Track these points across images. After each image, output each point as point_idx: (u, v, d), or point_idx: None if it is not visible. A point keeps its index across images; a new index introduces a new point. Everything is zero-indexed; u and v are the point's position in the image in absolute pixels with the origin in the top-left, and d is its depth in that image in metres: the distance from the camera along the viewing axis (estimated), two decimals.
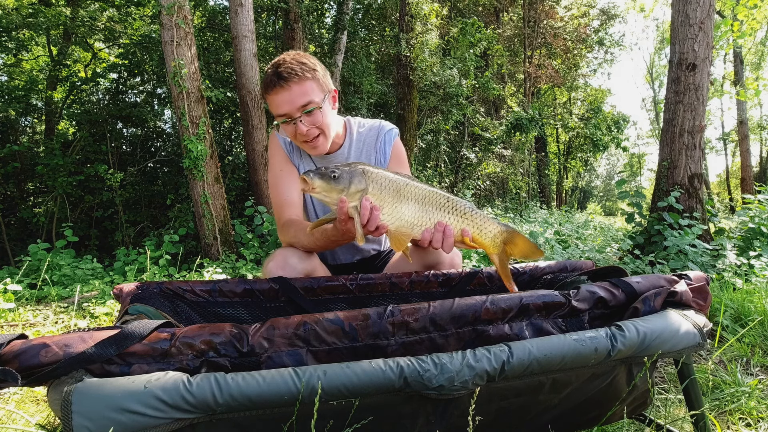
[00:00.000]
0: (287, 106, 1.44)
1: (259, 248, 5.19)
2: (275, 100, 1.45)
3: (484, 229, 1.27)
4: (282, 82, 1.42)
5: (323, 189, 1.15)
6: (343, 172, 1.16)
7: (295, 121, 1.46)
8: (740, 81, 15.00)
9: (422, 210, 1.22)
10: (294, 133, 1.49)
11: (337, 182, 1.14)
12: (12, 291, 2.99)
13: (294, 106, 1.44)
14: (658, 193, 4.51)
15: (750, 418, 1.41)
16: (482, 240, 1.27)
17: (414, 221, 1.22)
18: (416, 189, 1.22)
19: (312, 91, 1.45)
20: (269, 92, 1.45)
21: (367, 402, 0.83)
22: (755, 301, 2.39)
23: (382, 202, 1.19)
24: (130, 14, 8.53)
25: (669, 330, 1.00)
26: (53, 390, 0.74)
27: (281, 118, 1.47)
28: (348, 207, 1.17)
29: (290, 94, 1.43)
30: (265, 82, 1.46)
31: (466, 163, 11.70)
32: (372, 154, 1.70)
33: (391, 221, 1.21)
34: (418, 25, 9.28)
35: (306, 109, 1.45)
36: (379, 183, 1.18)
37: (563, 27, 16.96)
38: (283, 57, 1.48)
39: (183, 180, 7.13)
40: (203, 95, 5.25)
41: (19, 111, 7.93)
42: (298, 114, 1.45)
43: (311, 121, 1.47)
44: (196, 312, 1.35)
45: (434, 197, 1.23)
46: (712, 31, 4.32)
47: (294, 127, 1.47)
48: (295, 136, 1.51)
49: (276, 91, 1.43)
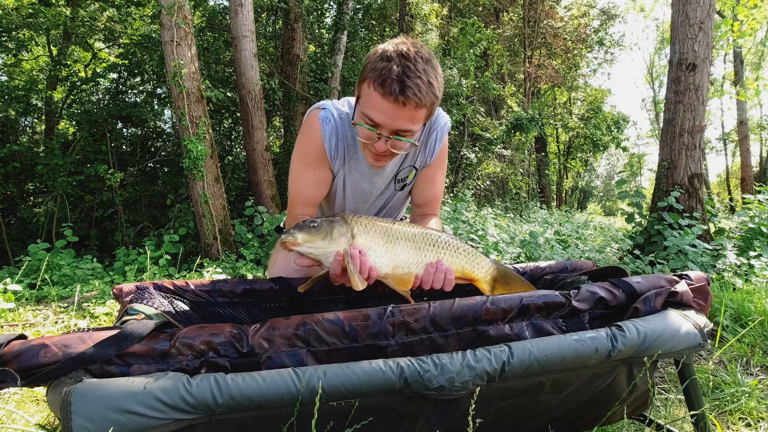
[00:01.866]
0: (385, 119, 1.22)
1: (259, 248, 5.19)
2: (378, 103, 1.20)
3: (477, 265, 1.29)
4: (401, 97, 1.17)
5: (306, 240, 1.14)
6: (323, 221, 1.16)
7: (381, 137, 1.25)
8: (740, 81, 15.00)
9: (415, 248, 1.22)
10: (367, 138, 1.29)
11: (317, 230, 1.14)
12: (12, 291, 2.98)
13: (392, 126, 1.23)
14: (658, 193, 4.51)
15: (750, 418, 1.41)
16: (475, 275, 1.29)
17: (410, 260, 1.21)
18: (404, 229, 1.22)
19: (419, 120, 1.24)
20: (379, 90, 1.18)
21: (367, 402, 0.83)
22: (755, 301, 2.39)
23: (374, 245, 1.18)
24: (130, 14, 8.53)
25: (669, 330, 1.00)
26: (53, 390, 0.74)
27: (370, 122, 1.24)
28: (339, 251, 1.15)
29: (397, 114, 1.20)
30: (382, 74, 1.17)
31: (466, 163, 11.70)
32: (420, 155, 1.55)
33: (386, 263, 1.19)
34: (418, 25, 9.28)
35: (400, 135, 1.25)
36: (364, 226, 1.18)
37: (563, 27, 16.96)
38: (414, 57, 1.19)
39: (183, 180, 7.13)
40: (203, 95, 5.25)
41: (19, 111, 7.93)
42: (388, 133, 1.25)
43: (395, 145, 1.28)
44: (196, 312, 1.35)
45: (425, 235, 1.24)
46: (712, 31, 4.32)
47: (374, 138, 1.27)
48: (367, 143, 1.32)
49: (387, 99, 1.18)
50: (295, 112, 7.76)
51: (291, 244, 1.14)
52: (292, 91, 7.69)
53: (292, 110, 7.79)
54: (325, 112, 1.44)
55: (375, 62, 1.21)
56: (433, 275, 1.19)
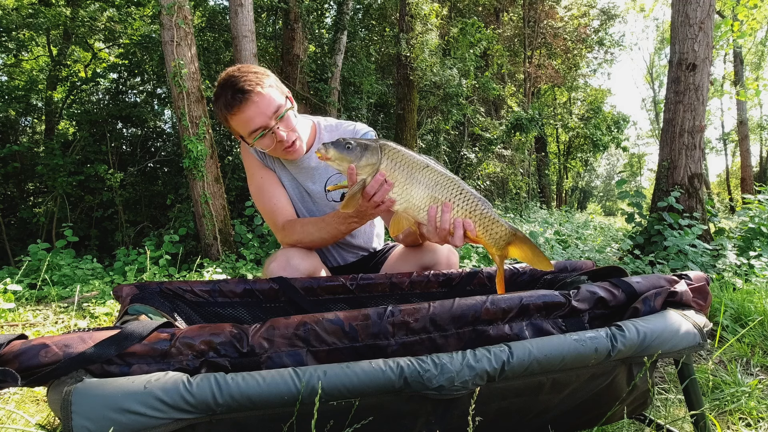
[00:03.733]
0: (260, 118, 1.38)
1: (259, 248, 5.19)
2: (243, 117, 1.38)
3: (489, 230, 1.26)
4: (246, 95, 1.35)
5: (336, 158, 1.17)
6: (359, 144, 1.18)
7: (273, 129, 1.41)
8: (740, 81, 15.01)
9: (431, 197, 1.22)
10: (272, 143, 1.44)
11: (349, 153, 1.16)
12: (12, 291, 2.98)
13: (267, 116, 1.39)
14: (658, 193, 4.51)
15: (750, 418, 1.41)
16: (485, 239, 1.27)
17: (421, 205, 1.23)
18: (430, 173, 1.22)
19: (276, 96, 1.42)
20: (233, 111, 1.37)
21: (367, 402, 0.83)
22: (755, 301, 2.39)
23: (393, 180, 1.20)
24: (130, 14, 8.54)
25: (669, 330, 1.00)
26: (53, 390, 0.74)
27: (255, 133, 1.40)
28: (357, 177, 1.18)
29: (258, 106, 1.37)
30: (225, 103, 1.38)
31: (466, 163, 11.70)
32: None
33: (400, 202, 1.22)
34: (418, 25, 9.28)
35: (279, 114, 1.41)
36: (393, 160, 1.19)
37: (563, 27, 16.96)
38: (229, 74, 1.41)
39: (183, 180, 7.13)
40: (203, 95, 5.25)
41: (19, 111, 7.94)
42: (272, 122, 1.41)
43: (286, 125, 1.44)
44: (196, 312, 1.35)
45: (447, 186, 1.23)
46: (712, 31, 4.32)
47: (272, 137, 1.43)
48: (273, 147, 1.46)
49: (242, 108, 1.37)
50: None
51: (323, 156, 1.17)
52: (292, 91, 7.69)
53: None
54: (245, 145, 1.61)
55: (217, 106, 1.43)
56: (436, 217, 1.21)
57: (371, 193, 1.17)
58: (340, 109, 8.21)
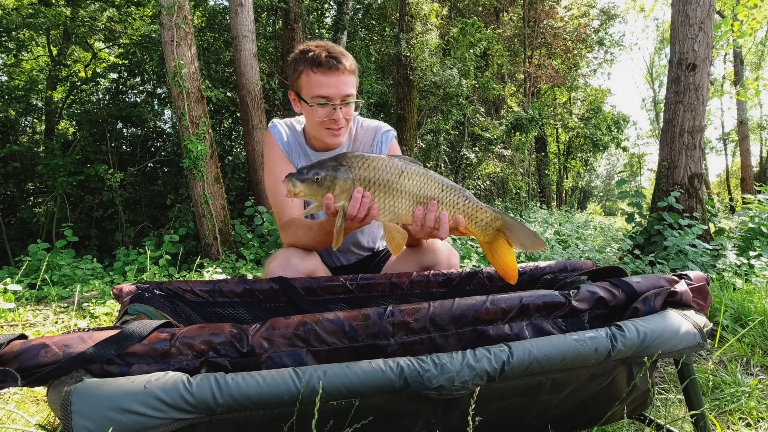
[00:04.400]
0: (334, 90, 1.44)
1: (259, 248, 5.19)
2: (324, 80, 1.42)
3: (474, 218, 1.26)
4: (338, 64, 1.42)
5: (308, 193, 1.14)
6: (326, 172, 1.13)
7: (335, 107, 1.46)
8: (740, 81, 15.00)
9: (414, 201, 1.22)
10: (325, 116, 1.48)
11: (320, 184, 1.13)
12: (12, 291, 2.98)
13: (340, 93, 1.44)
14: (658, 193, 4.51)
15: (750, 418, 1.41)
16: (473, 229, 1.27)
17: (406, 212, 1.22)
18: (407, 178, 1.20)
19: (354, 85, 1.49)
20: (319, 70, 1.42)
21: (367, 402, 0.83)
22: (755, 301, 2.39)
23: (372, 194, 1.18)
24: (130, 14, 8.53)
25: (669, 330, 1.00)
26: (53, 390, 0.74)
27: (319, 98, 1.44)
28: (334, 206, 1.17)
29: (340, 80, 1.44)
30: (314, 58, 1.42)
31: (466, 163, 11.70)
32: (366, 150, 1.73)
33: (384, 213, 1.21)
34: (418, 25, 9.28)
35: (347, 99, 1.47)
36: (366, 176, 1.17)
37: (563, 27, 16.95)
38: (329, 44, 1.47)
39: (183, 180, 7.13)
40: (203, 95, 5.25)
41: (19, 111, 7.94)
42: (338, 101, 1.45)
43: (346, 112, 1.49)
44: (196, 312, 1.35)
45: (427, 185, 1.22)
46: (712, 31, 4.32)
47: (329, 111, 1.47)
48: (322, 121, 1.49)
49: (328, 73, 1.42)
50: (295, 112, 7.76)
51: (291, 193, 1.14)
52: None
53: (291, 110, 7.78)
54: (272, 124, 1.70)
55: (301, 58, 1.46)
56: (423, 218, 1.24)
57: (354, 214, 1.17)
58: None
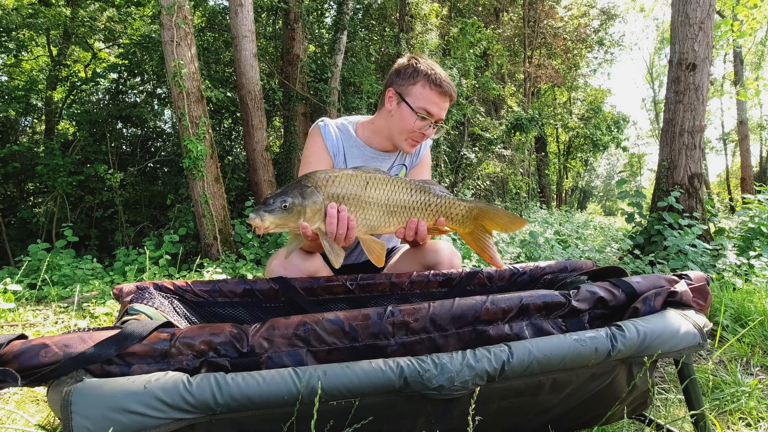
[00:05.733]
0: (440, 112, 1.60)
1: (259, 248, 5.19)
2: (435, 99, 1.56)
3: (450, 214, 1.26)
4: (452, 94, 1.60)
5: (279, 224, 1.10)
6: (293, 198, 1.10)
7: (431, 124, 1.60)
8: (740, 81, 15.00)
9: (385, 211, 1.21)
10: (420, 128, 1.59)
11: (289, 212, 1.10)
12: (12, 291, 2.98)
13: (440, 116, 1.61)
14: (658, 193, 4.51)
15: (750, 418, 1.41)
16: (452, 224, 1.27)
17: (379, 222, 1.22)
18: (373, 189, 1.19)
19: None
20: (435, 89, 1.56)
21: (367, 402, 0.83)
22: (755, 301, 2.39)
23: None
24: (130, 14, 8.53)
25: (669, 330, 1.00)
26: (53, 390, 0.74)
27: (425, 112, 1.57)
28: (311, 230, 1.15)
29: (445, 105, 1.61)
30: (436, 78, 1.56)
31: (466, 163, 11.69)
32: (408, 155, 1.83)
33: (358, 228, 1.20)
34: (418, 25, 9.28)
35: (440, 123, 1.63)
36: (334, 193, 1.16)
37: (563, 27, 16.95)
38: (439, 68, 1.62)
39: (183, 180, 7.12)
40: (203, 95, 5.25)
41: (19, 111, 7.93)
42: (434, 121, 1.60)
43: (431, 132, 1.64)
44: (196, 312, 1.35)
45: (394, 192, 1.22)
46: (712, 31, 4.32)
47: (425, 126, 1.59)
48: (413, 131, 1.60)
49: (442, 95, 1.58)
50: (295, 112, 7.76)
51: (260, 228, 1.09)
52: (292, 91, 7.69)
53: (292, 110, 7.79)
54: (323, 123, 1.73)
55: (424, 71, 1.58)
56: (404, 231, 1.31)
57: (334, 231, 1.16)
58: (340, 109, 8.20)
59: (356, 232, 1.21)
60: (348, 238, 1.20)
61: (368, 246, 1.24)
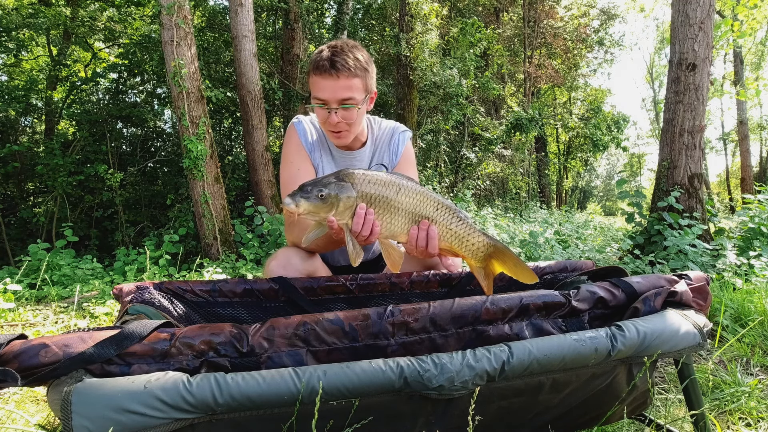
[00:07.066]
0: (329, 94, 1.45)
1: (259, 248, 5.19)
2: (320, 84, 1.45)
3: (466, 241, 1.26)
4: (333, 71, 1.42)
5: (311, 211, 1.12)
6: (330, 190, 1.13)
7: (330, 110, 1.48)
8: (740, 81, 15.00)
9: (410, 219, 1.23)
10: (325, 119, 1.51)
11: (324, 202, 1.13)
12: (12, 291, 2.98)
13: (335, 97, 1.46)
14: (658, 193, 4.51)
15: (750, 418, 1.41)
16: (462, 251, 1.26)
17: (402, 229, 1.24)
18: (404, 195, 1.21)
19: (356, 88, 1.47)
20: (317, 73, 1.45)
21: (367, 402, 0.83)
22: (755, 301, 2.39)
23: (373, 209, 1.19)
24: (130, 14, 8.53)
25: (669, 330, 1.00)
26: (53, 390, 0.74)
27: (317, 101, 1.48)
28: (338, 224, 1.16)
29: (336, 85, 1.44)
30: (316, 61, 1.45)
31: (466, 163, 11.70)
32: (386, 153, 1.76)
33: (381, 231, 1.22)
34: (418, 25, 9.27)
35: (345, 104, 1.47)
36: (368, 192, 1.18)
37: (563, 27, 16.95)
38: (341, 44, 1.48)
39: (183, 180, 7.12)
40: (203, 95, 5.25)
41: (19, 111, 7.92)
42: (335, 105, 1.47)
43: (345, 115, 1.49)
44: (196, 312, 1.35)
45: (423, 203, 1.23)
46: (712, 31, 4.32)
47: (326, 114, 1.50)
48: (324, 122, 1.53)
49: (324, 76, 1.44)
50: (295, 112, 7.76)
51: (295, 212, 1.12)
52: (292, 91, 7.69)
53: (292, 110, 7.80)
54: (298, 120, 1.72)
55: (311, 59, 1.49)
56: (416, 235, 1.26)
57: (358, 231, 1.17)
58: None
59: (378, 236, 1.21)
60: (369, 241, 1.20)
61: (387, 251, 1.24)
